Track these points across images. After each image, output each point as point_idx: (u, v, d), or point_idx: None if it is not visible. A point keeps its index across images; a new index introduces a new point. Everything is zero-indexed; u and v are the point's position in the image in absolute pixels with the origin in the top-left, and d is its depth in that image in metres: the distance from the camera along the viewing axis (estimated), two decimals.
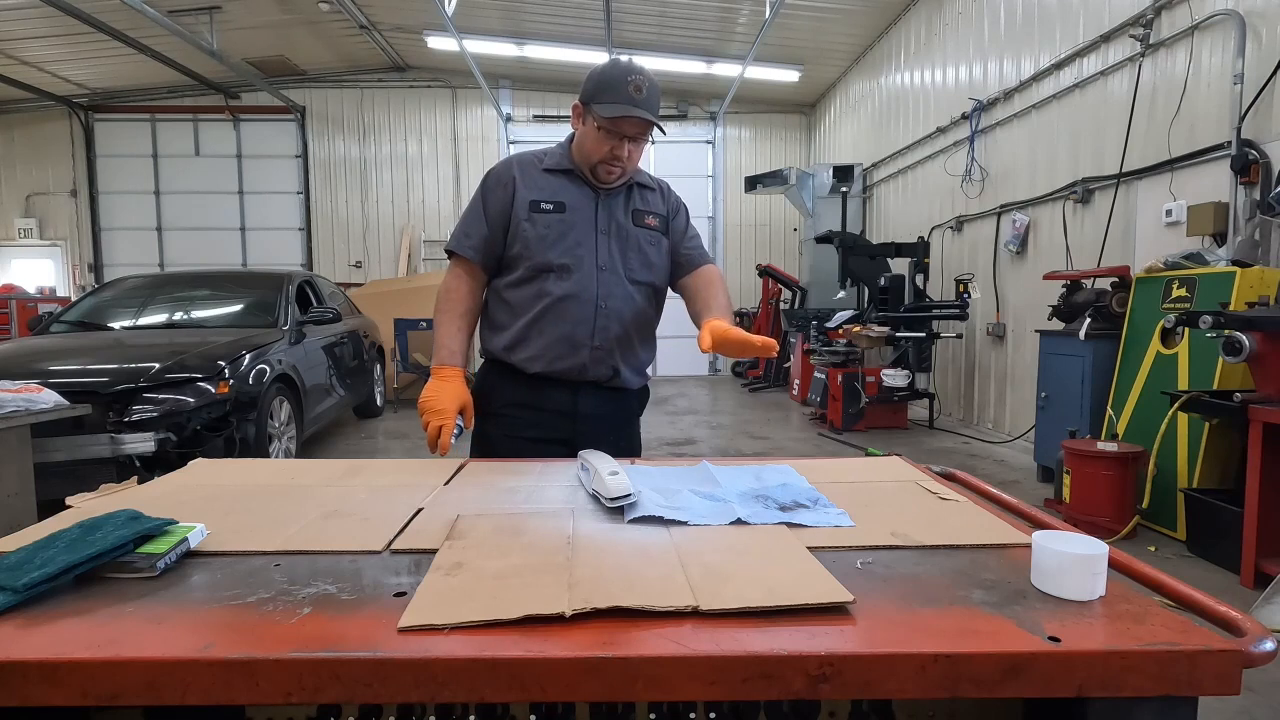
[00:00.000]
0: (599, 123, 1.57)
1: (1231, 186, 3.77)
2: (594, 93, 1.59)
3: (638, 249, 1.70)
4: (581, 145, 1.65)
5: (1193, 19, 4.08)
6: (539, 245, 1.63)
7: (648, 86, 1.56)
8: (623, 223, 1.70)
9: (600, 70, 1.62)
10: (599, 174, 1.64)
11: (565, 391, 1.65)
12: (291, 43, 9.97)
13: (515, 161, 1.72)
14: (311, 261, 11.60)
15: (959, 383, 6.89)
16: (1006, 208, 5.98)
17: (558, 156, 1.71)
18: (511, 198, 1.65)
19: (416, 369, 8.29)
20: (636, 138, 1.61)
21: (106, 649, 0.62)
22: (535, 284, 1.64)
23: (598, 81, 1.60)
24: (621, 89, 1.55)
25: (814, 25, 8.41)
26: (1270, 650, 0.63)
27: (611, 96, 1.56)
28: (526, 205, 1.65)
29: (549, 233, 1.63)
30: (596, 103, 1.58)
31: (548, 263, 1.63)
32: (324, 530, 0.94)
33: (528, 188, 1.66)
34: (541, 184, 1.67)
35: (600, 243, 1.66)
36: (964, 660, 0.62)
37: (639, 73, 1.58)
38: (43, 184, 11.45)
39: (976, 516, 1.01)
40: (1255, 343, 2.80)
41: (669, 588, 0.73)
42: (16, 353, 4.11)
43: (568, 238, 1.64)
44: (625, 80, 1.56)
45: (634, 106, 1.54)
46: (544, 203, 1.65)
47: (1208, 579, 2.94)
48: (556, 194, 1.66)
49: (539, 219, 1.64)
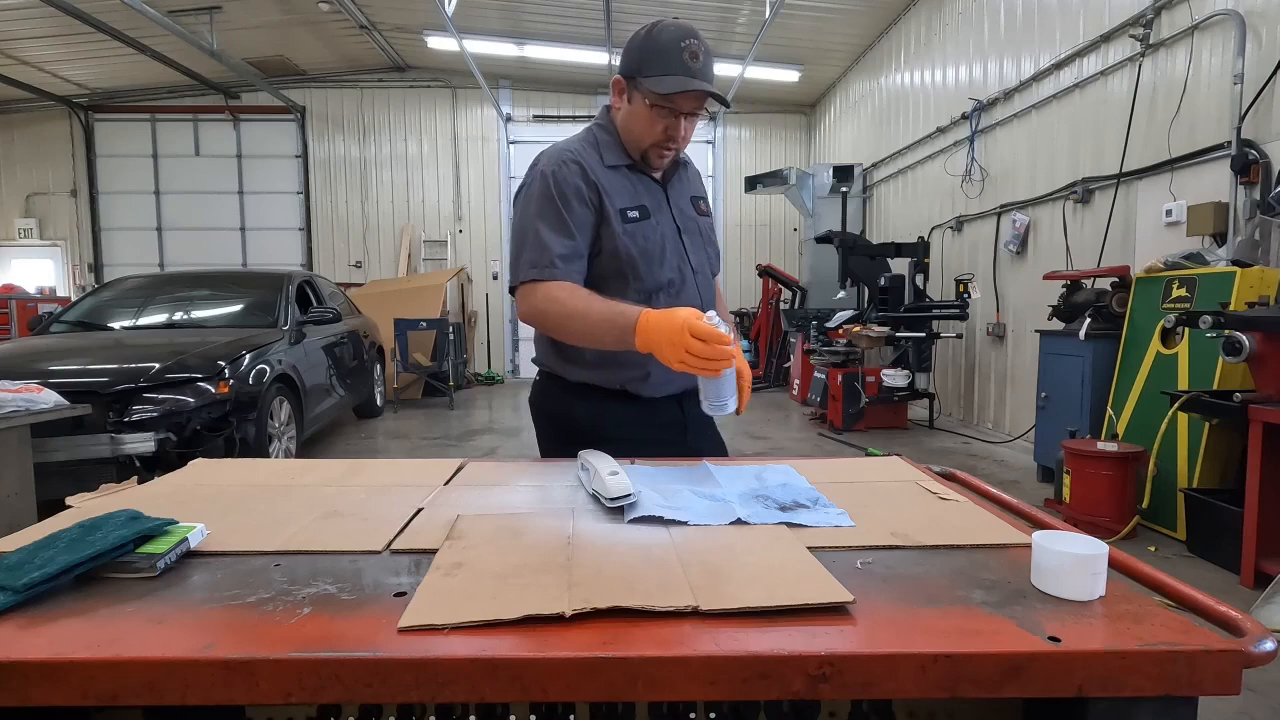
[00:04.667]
0: (651, 99, 1.34)
1: (1231, 186, 3.77)
2: (640, 63, 1.35)
3: (710, 241, 1.54)
4: (630, 127, 1.41)
5: (1193, 19, 4.07)
6: (646, 263, 1.41)
7: (704, 53, 1.34)
8: (690, 215, 1.51)
9: (645, 36, 1.36)
10: (649, 159, 1.43)
11: (674, 404, 1.49)
12: (291, 43, 9.96)
13: (579, 161, 1.41)
14: (311, 261, 11.60)
15: (959, 383, 6.89)
16: (1006, 208, 5.98)
17: (612, 147, 1.44)
18: (600, 206, 1.39)
19: (416, 369, 8.29)
20: (693, 113, 1.38)
21: (106, 649, 0.62)
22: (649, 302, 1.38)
23: (644, 48, 1.35)
24: (675, 57, 1.31)
25: (814, 25, 8.40)
26: (1270, 650, 0.63)
27: (663, 67, 1.32)
28: (618, 215, 1.40)
29: (649, 245, 1.42)
30: (645, 75, 1.34)
31: (658, 282, 1.42)
32: (324, 530, 0.94)
33: (610, 193, 1.40)
34: (618, 185, 1.43)
35: (687, 244, 1.48)
36: (964, 660, 0.62)
37: (693, 36, 1.34)
38: (43, 184, 11.45)
39: (976, 516, 1.01)
40: (1255, 343, 2.80)
41: (669, 588, 0.73)
42: (16, 353, 4.11)
43: (664, 248, 1.43)
44: (679, 46, 1.32)
45: (692, 78, 1.32)
46: (629, 209, 1.41)
47: (1208, 579, 2.94)
48: (636, 196, 1.44)
49: (635, 231, 1.41)
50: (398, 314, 8.40)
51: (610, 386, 1.46)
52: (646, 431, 1.45)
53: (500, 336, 11.71)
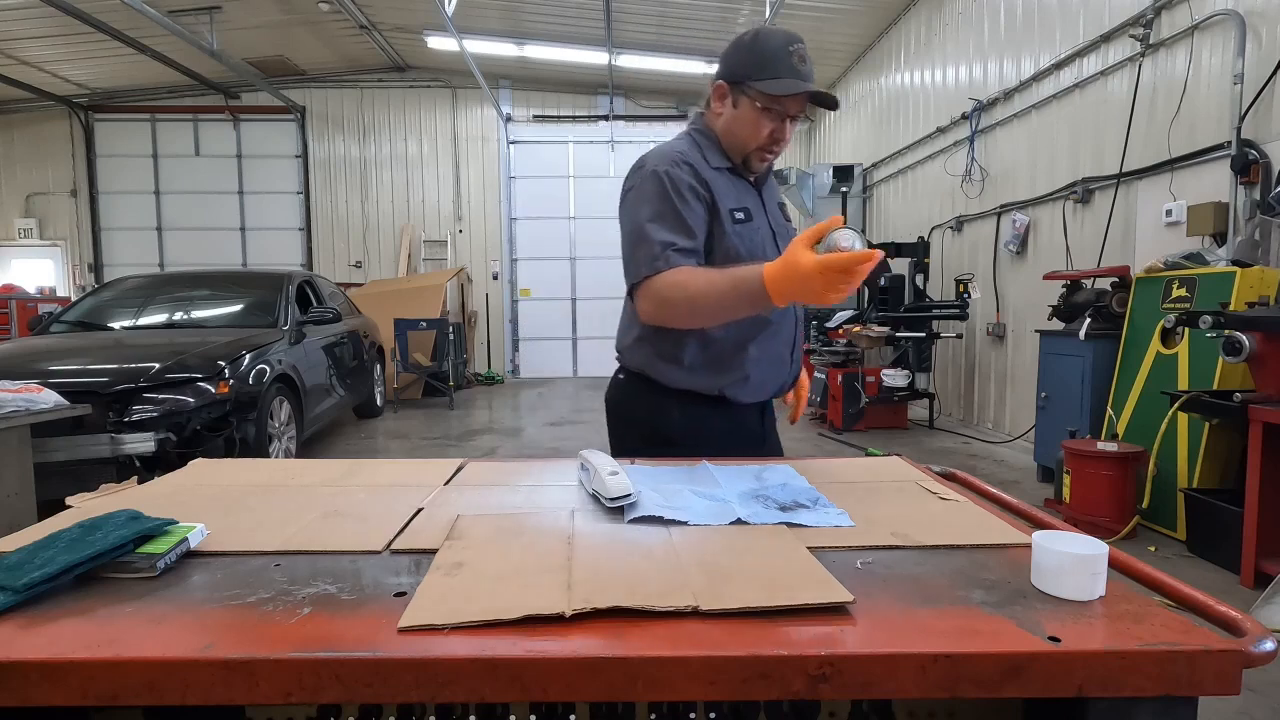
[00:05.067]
0: (761, 102, 1.36)
1: (1231, 186, 3.77)
2: (750, 68, 1.36)
3: None
4: (735, 131, 1.42)
5: (1193, 19, 4.08)
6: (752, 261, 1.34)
7: (808, 57, 1.37)
8: (780, 219, 1.54)
9: (752, 40, 1.38)
10: (751, 163, 1.44)
11: (756, 412, 1.52)
12: (291, 43, 9.97)
13: (690, 162, 1.42)
14: (311, 261, 11.60)
15: (959, 383, 6.89)
16: (1006, 208, 5.98)
17: (714, 151, 1.46)
18: (713, 205, 1.41)
19: (416, 369, 8.29)
20: (798, 116, 1.41)
21: (106, 649, 0.62)
22: None
23: (751, 53, 1.37)
24: (784, 60, 1.34)
25: (814, 25, 8.40)
26: (1270, 650, 0.63)
27: (774, 70, 1.34)
28: (728, 215, 1.42)
29: (754, 246, 1.43)
30: (755, 79, 1.36)
31: None
32: (324, 530, 0.94)
33: (719, 193, 1.42)
34: (724, 187, 1.44)
35: (781, 247, 1.48)
36: (964, 660, 0.62)
37: (799, 40, 1.36)
38: (43, 184, 11.45)
39: (976, 516, 1.01)
40: (1255, 343, 2.80)
41: (669, 588, 0.73)
42: (16, 353, 4.11)
43: (767, 249, 1.45)
44: (787, 50, 1.34)
45: (803, 80, 1.34)
46: (736, 210, 1.44)
47: (1208, 579, 2.94)
48: (740, 197, 1.46)
49: (742, 231, 1.43)
50: (398, 314, 8.40)
51: (709, 392, 1.45)
52: (731, 441, 1.45)
53: (500, 336, 11.71)
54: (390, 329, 8.12)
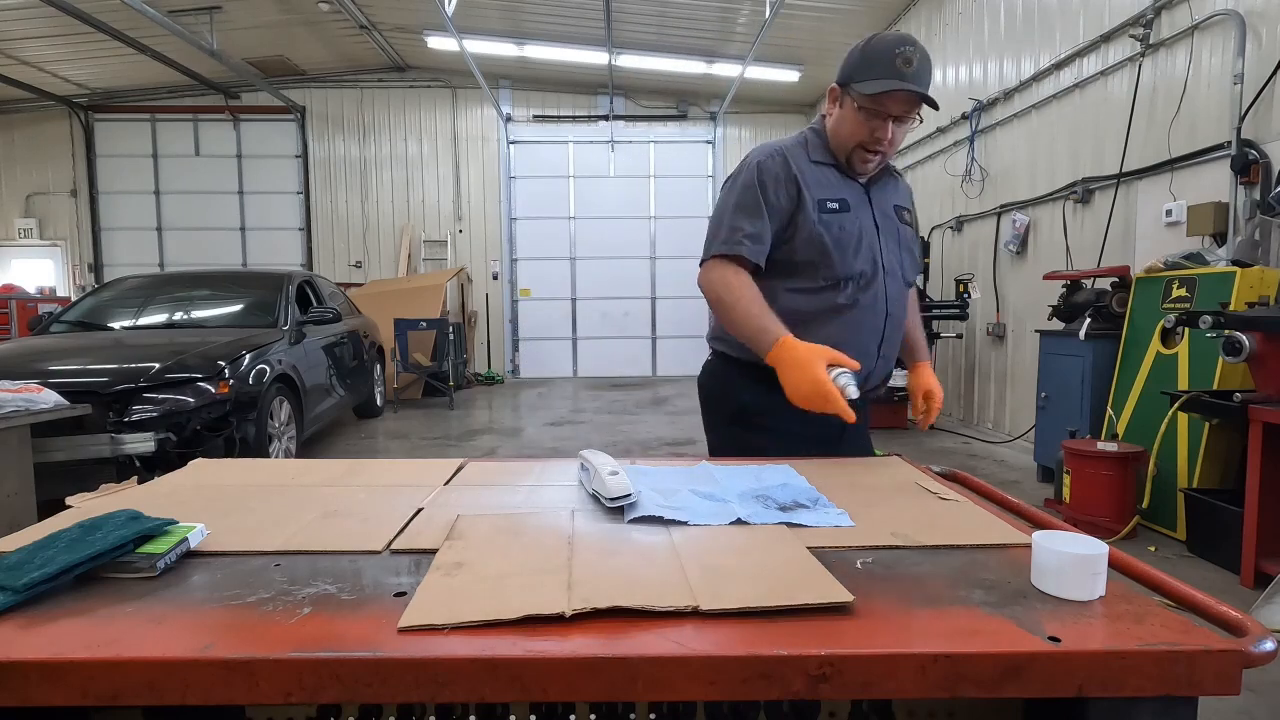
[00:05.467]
0: (859, 101, 1.41)
1: (1231, 186, 3.77)
2: (855, 70, 1.42)
3: (908, 248, 1.59)
4: (838, 130, 1.48)
5: (1193, 19, 4.07)
6: (839, 252, 1.47)
7: (918, 59, 1.38)
8: (891, 217, 1.56)
9: (863, 45, 1.43)
10: (854, 162, 1.49)
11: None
12: (291, 43, 9.97)
13: (787, 153, 1.52)
14: (311, 261, 11.60)
15: (959, 383, 6.89)
16: (1006, 208, 5.98)
17: (819, 147, 1.53)
18: (798, 195, 1.48)
19: (416, 369, 8.29)
20: (902, 118, 1.42)
21: (106, 649, 0.62)
22: (830, 293, 1.49)
23: (860, 55, 1.42)
24: (888, 62, 1.37)
25: (814, 25, 8.40)
26: (1270, 650, 0.63)
27: (875, 72, 1.38)
28: (816, 205, 1.48)
29: (844, 236, 1.48)
30: (856, 80, 1.41)
31: (850, 271, 1.48)
32: (324, 530, 0.94)
33: (810, 184, 1.49)
34: (820, 179, 1.50)
35: (883, 244, 1.53)
36: (964, 660, 0.62)
37: (909, 44, 1.38)
38: (43, 184, 11.45)
39: (976, 516, 1.01)
40: (1255, 343, 2.80)
41: (669, 588, 0.73)
42: (16, 353, 4.11)
43: (862, 241, 1.50)
44: (893, 53, 1.37)
45: (902, 80, 1.36)
46: (829, 201, 1.49)
47: (1208, 579, 2.94)
48: (837, 190, 1.51)
49: (831, 221, 1.48)
50: (398, 314, 8.40)
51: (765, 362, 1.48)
52: (807, 426, 1.44)
53: (500, 336, 11.71)
54: (390, 329, 8.12)
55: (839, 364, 1.30)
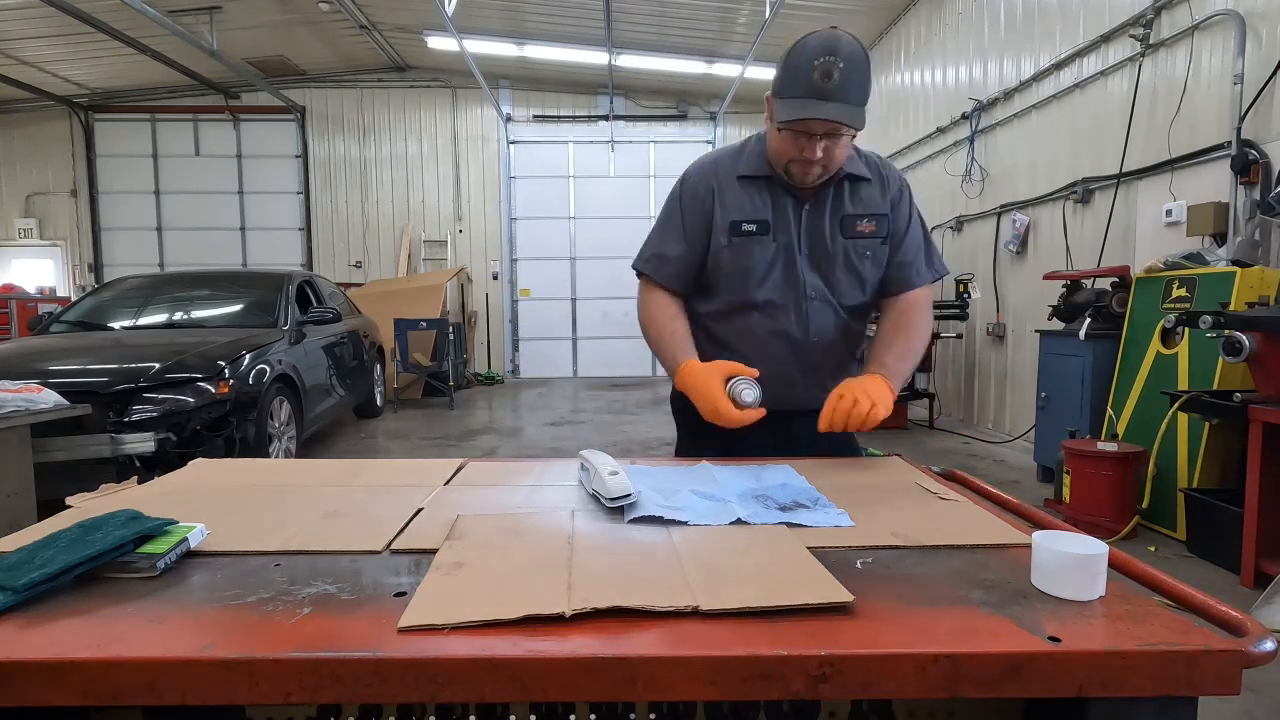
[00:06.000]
0: (777, 123, 1.32)
1: (1231, 186, 3.77)
2: (777, 83, 1.32)
3: (849, 267, 1.46)
4: (770, 144, 1.40)
5: (1193, 19, 4.07)
6: (741, 278, 1.43)
7: (841, 70, 1.23)
8: (829, 237, 1.44)
9: (788, 52, 1.31)
10: (792, 175, 1.39)
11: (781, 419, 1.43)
12: (291, 43, 9.97)
13: (714, 168, 1.48)
14: (311, 261, 11.60)
15: (959, 383, 6.89)
16: (1006, 208, 5.98)
17: (754, 159, 1.46)
18: (711, 215, 1.43)
19: (416, 369, 8.29)
20: (831, 134, 1.30)
21: (106, 649, 0.62)
22: (739, 318, 1.45)
23: (783, 66, 1.31)
24: (805, 77, 1.25)
25: (814, 25, 8.24)
26: (1270, 650, 0.63)
27: (794, 88, 1.27)
28: (726, 227, 1.42)
29: (751, 262, 1.42)
30: (779, 96, 1.31)
31: (750, 299, 1.44)
32: (324, 530, 0.94)
33: (726, 204, 1.43)
34: (740, 197, 1.44)
35: (804, 267, 1.44)
36: (964, 660, 0.62)
37: (830, 52, 1.24)
38: (43, 184, 11.45)
39: (976, 516, 1.01)
40: (1255, 343, 2.80)
41: (669, 588, 0.73)
42: (16, 353, 4.11)
43: (773, 267, 1.43)
44: (811, 65, 1.24)
45: (819, 101, 1.25)
46: (745, 223, 1.42)
47: (1208, 579, 2.94)
48: (758, 210, 1.43)
49: (740, 245, 1.42)
50: (398, 314, 8.40)
51: None
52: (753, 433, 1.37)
53: (500, 336, 11.71)
54: (390, 329, 8.12)
55: (737, 374, 1.31)
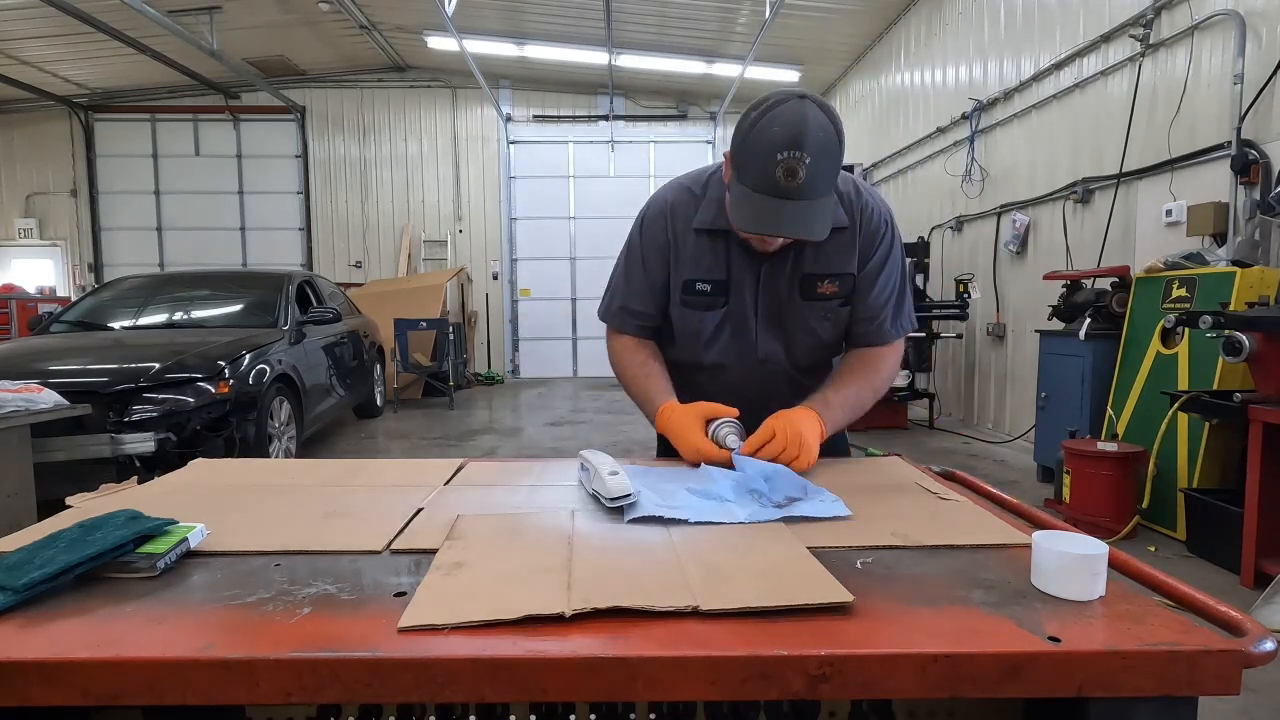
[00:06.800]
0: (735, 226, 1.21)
1: (1231, 186, 3.77)
2: (737, 158, 1.16)
3: (807, 330, 1.38)
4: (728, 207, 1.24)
5: (1193, 19, 4.07)
6: (692, 338, 1.39)
7: (808, 165, 1.08)
8: (787, 298, 1.35)
9: (750, 125, 1.13)
10: (750, 243, 1.29)
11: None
12: (291, 43, 9.97)
13: (671, 216, 1.36)
14: (311, 261, 11.61)
15: (959, 383, 6.89)
16: (1006, 208, 5.98)
17: (713, 207, 1.32)
18: (668, 265, 1.37)
19: (416, 369, 8.29)
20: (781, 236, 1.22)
21: (106, 649, 0.62)
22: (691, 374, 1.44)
23: (744, 141, 1.13)
24: (767, 170, 1.09)
25: (814, 25, 8.40)
26: (1270, 650, 0.63)
27: (752, 177, 1.12)
28: (680, 285, 1.36)
29: (700, 325, 1.37)
30: (738, 178, 1.16)
31: (697, 362, 1.42)
32: (324, 530, 0.94)
33: (681, 260, 1.35)
34: (696, 253, 1.34)
35: (761, 331, 1.37)
36: (964, 660, 0.61)
37: (795, 145, 1.07)
38: (43, 184, 11.45)
39: (976, 516, 1.01)
40: (1255, 343, 2.80)
41: (669, 588, 0.73)
42: (16, 353, 4.11)
43: (722, 329, 1.37)
44: (774, 159, 1.08)
45: (781, 200, 1.10)
46: (699, 282, 1.34)
47: (1208, 579, 2.94)
48: (712, 268, 1.34)
49: (693, 304, 1.36)
50: (398, 314, 8.40)
51: None
52: None
53: (500, 336, 11.72)
54: (390, 329, 8.12)
55: (717, 415, 1.27)
